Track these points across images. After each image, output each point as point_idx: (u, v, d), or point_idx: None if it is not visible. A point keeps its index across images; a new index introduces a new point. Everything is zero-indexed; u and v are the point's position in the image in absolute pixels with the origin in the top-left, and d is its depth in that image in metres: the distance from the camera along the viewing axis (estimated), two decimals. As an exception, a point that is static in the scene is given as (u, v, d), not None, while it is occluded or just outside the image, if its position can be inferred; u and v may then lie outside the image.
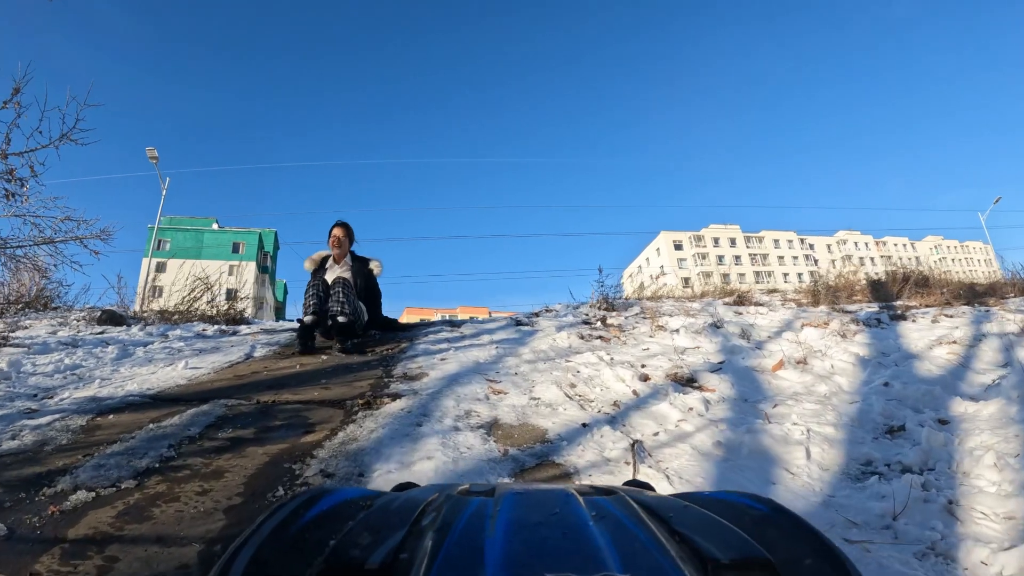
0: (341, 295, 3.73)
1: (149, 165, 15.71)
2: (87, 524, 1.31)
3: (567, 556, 0.44)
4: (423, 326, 4.80)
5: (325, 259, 4.24)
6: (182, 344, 3.94)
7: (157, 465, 1.65)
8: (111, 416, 2.14)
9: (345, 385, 2.62)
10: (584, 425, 2.15)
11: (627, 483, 0.85)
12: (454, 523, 0.49)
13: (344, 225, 4.27)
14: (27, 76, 5.13)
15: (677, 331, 4.27)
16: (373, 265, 4.28)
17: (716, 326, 4.45)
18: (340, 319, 3.67)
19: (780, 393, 3.17)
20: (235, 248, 43.06)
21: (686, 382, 3.13)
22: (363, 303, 4.03)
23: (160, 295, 6.16)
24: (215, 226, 44.67)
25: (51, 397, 2.44)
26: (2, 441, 1.85)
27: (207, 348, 3.82)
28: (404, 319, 5.49)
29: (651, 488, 0.76)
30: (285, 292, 39.92)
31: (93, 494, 1.47)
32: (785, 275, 63.02)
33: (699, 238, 66.26)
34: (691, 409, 2.55)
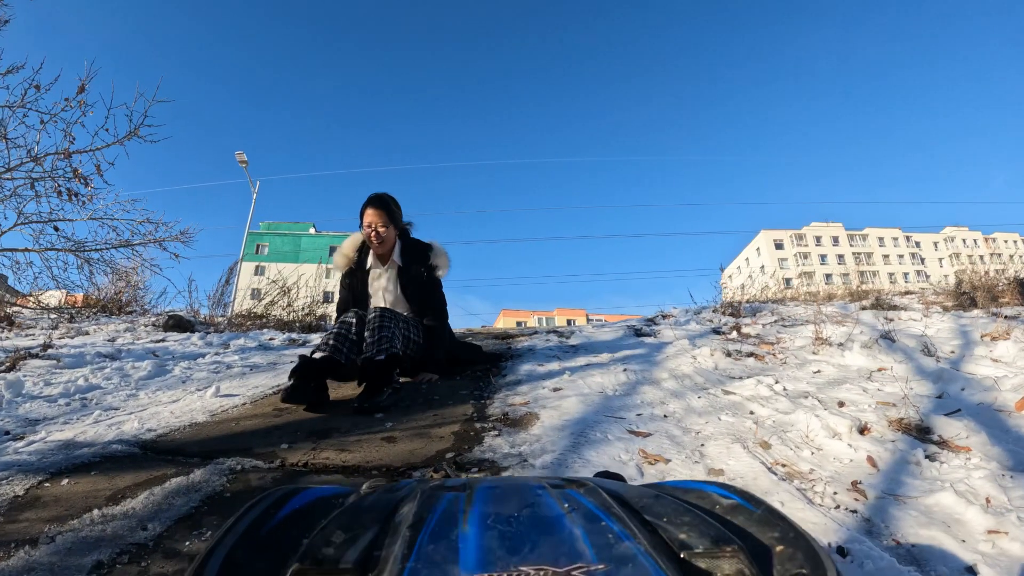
0: (384, 340, 2.29)
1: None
2: None
3: (541, 549, 0.42)
4: (523, 337, 3.87)
5: (363, 251, 2.75)
6: (236, 358, 3.30)
7: (43, 628, 0.84)
8: (65, 481, 1.40)
9: (417, 434, 1.75)
10: (838, 550, 1.12)
11: (598, 474, 0.81)
12: (427, 519, 0.47)
13: (378, 204, 2.62)
14: (91, 74, 4.84)
15: (844, 345, 3.14)
16: (437, 261, 2.72)
17: (889, 339, 3.24)
18: (380, 358, 2.23)
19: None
20: (331, 252, 44.76)
21: (918, 433, 1.97)
22: (419, 325, 2.64)
23: (259, 298, 5.86)
24: (312, 230, 46.79)
25: (22, 438, 1.76)
26: None
27: (262, 364, 3.14)
28: (500, 323, 4.56)
29: (622, 479, 0.74)
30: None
31: None
32: (891, 275, 57.48)
33: (800, 237, 61.96)
34: (989, 501, 1.44)
